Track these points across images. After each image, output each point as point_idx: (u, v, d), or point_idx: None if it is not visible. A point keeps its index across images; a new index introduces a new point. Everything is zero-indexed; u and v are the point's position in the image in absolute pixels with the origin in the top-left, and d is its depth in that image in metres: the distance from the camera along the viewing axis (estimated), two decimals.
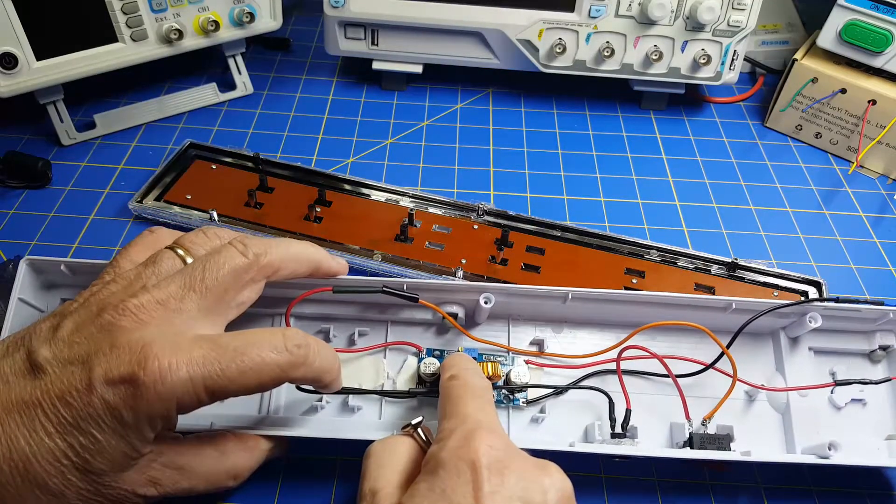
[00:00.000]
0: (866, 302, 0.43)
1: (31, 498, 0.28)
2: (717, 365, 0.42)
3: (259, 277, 0.34)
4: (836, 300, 0.43)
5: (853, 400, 0.44)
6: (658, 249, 0.56)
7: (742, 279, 0.55)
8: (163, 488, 0.31)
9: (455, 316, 0.44)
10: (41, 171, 0.60)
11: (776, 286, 0.55)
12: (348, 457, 0.43)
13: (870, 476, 0.45)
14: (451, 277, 0.53)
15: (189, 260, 0.33)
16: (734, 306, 0.43)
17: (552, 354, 0.45)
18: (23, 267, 0.41)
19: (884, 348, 0.45)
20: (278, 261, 0.35)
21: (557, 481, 0.30)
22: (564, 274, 0.55)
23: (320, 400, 0.42)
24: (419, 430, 0.35)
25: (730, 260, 0.55)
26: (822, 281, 0.55)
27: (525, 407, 0.43)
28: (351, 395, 0.42)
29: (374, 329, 0.45)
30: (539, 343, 0.45)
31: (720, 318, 0.44)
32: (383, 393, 0.42)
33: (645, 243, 0.57)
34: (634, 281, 0.54)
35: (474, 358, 0.43)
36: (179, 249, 0.34)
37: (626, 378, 0.43)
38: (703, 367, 0.43)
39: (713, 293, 0.53)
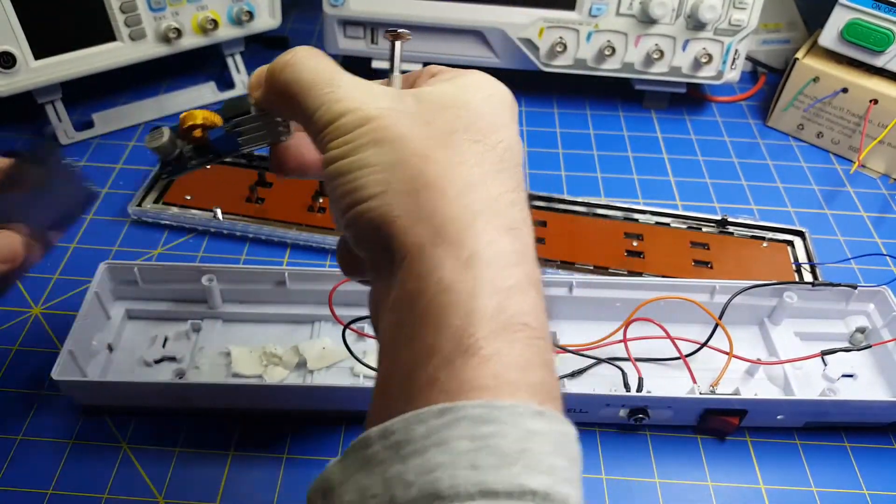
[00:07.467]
0: (838, 285, 0.49)
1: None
2: (714, 345, 0.46)
3: None
4: (812, 284, 0.50)
5: (844, 375, 0.47)
6: (652, 213, 0.59)
7: (732, 234, 0.58)
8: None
9: None
10: None
11: (763, 238, 0.58)
12: None
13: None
14: None
15: None
16: (717, 288, 0.49)
17: (565, 346, 0.47)
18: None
19: (861, 330, 0.50)
20: None
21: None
22: (568, 242, 0.56)
23: None
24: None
25: (719, 217, 0.59)
26: (804, 230, 0.58)
27: None
28: None
29: None
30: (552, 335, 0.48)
31: (709, 304, 0.49)
32: None
33: (639, 207, 0.60)
34: (635, 244, 0.57)
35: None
36: None
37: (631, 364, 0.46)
38: (700, 344, 0.46)
39: (708, 249, 0.57)
